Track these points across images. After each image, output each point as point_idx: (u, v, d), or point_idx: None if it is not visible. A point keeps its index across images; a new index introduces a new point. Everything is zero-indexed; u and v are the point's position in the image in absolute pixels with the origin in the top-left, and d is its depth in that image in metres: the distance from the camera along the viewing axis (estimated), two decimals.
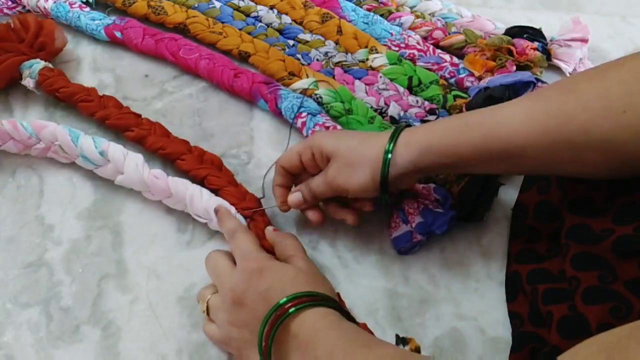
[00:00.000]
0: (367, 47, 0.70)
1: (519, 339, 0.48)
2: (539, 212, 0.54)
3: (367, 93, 0.65)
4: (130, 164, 0.55)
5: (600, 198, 0.47)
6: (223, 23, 0.72)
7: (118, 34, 0.69)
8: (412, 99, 0.65)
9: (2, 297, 0.51)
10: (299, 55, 0.69)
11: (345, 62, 0.69)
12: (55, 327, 0.50)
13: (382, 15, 0.74)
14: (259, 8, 0.74)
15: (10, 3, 0.74)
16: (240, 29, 0.71)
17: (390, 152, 0.48)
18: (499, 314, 0.51)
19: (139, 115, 0.61)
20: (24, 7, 0.74)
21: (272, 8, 0.74)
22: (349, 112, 0.63)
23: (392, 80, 0.67)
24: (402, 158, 0.48)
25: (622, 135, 0.40)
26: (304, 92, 0.65)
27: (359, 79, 0.67)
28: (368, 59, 0.69)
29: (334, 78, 0.67)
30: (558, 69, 0.70)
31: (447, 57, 0.70)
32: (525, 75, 0.62)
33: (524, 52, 0.68)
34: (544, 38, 0.71)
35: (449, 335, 0.50)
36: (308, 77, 0.66)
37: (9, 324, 0.50)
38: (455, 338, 0.50)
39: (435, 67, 0.69)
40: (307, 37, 0.71)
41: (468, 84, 0.67)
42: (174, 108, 0.65)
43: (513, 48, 0.68)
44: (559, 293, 0.46)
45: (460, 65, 0.69)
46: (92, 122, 0.63)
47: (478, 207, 0.55)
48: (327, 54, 0.69)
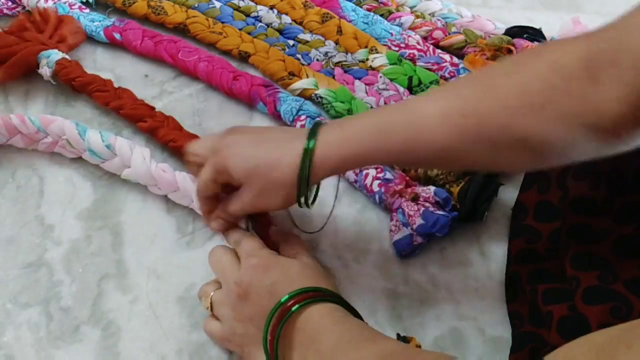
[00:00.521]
0: (367, 47, 0.70)
1: (519, 339, 0.48)
2: (539, 212, 0.54)
3: (367, 93, 0.65)
4: (138, 157, 0.56)
5: (601, 198, 0.47)
6: (223, 23, 0.72)
7: (117, 36, 0.69)
8: None
9: (2, 297, 0.51)
10: (299, 55, 0.69)
11: (345, 62, 0.69)
12: (55, 327, 0.50)
13: (382, 15, 0.74)
14: (259, 8, 0.74)
15: (10, 3, 0.74)
16: (240, 29, 0.71)
17: (305, 176, 0.44)
18: (499, 314, 0.51)
19: (153, 108, 0.62)
20: (24, 7, 0.74)
21: (272, 8, 0.74)
22: (349, 112, 0.63)
23: (392, 80, 0.67)
24: (317, 175, 0.45)
25: (542, 131, 0.39)
26: (304, 92, 0.65)
27: (359, 79, 0.67)
28: (368, 59, 0.69)
29: (334, 78, 0.67)
30: None
31: (447, 57, 0.70)
32: None
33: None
34: (544, 38, 0.71)
35: (449, 335, 0.50)
36: (308, 77, 0.66)
37: (9, 324, 0.50)
38: (455, 338, 0.50)
39: (435, 67, 0.69)
40: (307, 37, 0.71)
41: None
42: (174, 108, 0.65)
43: (513, 48, 0.68)
44: (559, 293, 0.46)
45: (460, 65, 0.69)
46: (93, 120, 0.63)
47: (478, 207, 0.55)
48: (327, 54, 0.69)
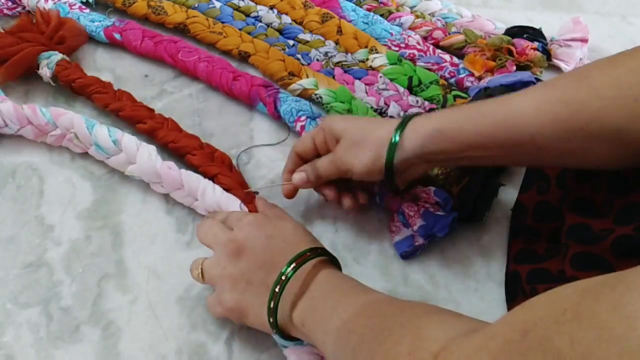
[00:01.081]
0: (367, 47, 0.70)
1: None
2: (539, 212, 0.54)
3: (367, 93, 0.65)
4: (143, 154, 0.56)
5: (601, 198, 0.47)
6: (223, 23, 0.72)
7: (117, 36, 0.69)
8: (412, 99, 0.65)
9: (2, 297, 0.51)
10: (299, 55, 0.69)
11: (345, 62, 0.69)
12: (55, 327, 0.50)
13: (382, 15, 0.74)
14: (259, 8, 0.74)
15: (10, 4, 0.74)
16: (240, 29, 0.71)
17: (399, 134, 0.47)
18: (499, 314, 0.51)
19: (152, 110, 0.62)
20: (24, 7, 0.74)
21: (272, 8, 0.74)
22: (349, 112, 0.63)
23: (392, 80, 0.67)
24: (409, 142, 0.47)
25: (633, 124, 0.40)
26: (304, 92, 0.65)
27: (359, 79, 0.67)
28: (368, 59, 0.69)
29: (334, 78, 0.67)
30: (558, 69, 0.70)
31: (447, 57, 0.70)
32: (525, 75, 0.62)
33: (524, 52, 0.68)
34: (544, 38, 0.71)
35: None
36: (308, 77, 0.66)
37: (9, 324, 0.50)
38: None
39: (435, 67, 0.69)
40: (307, 37, 0.71)
41: (468, 84, 0.67)
42: (174, 108, 0.65)
43: (513, 48, 0.68)
44: None
45: (460, 65, 0.69)
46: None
47: (478, 207, 0.55)
48: (327, 54, 0.69)
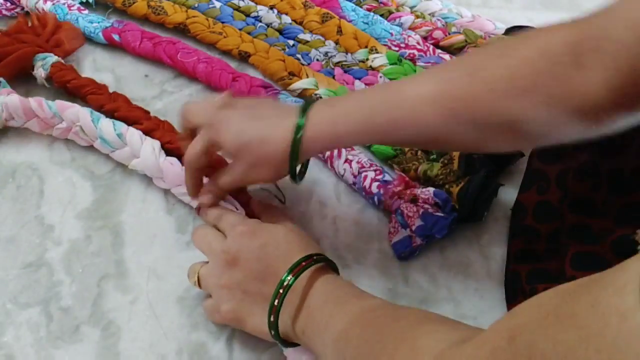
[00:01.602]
0: (367, 47, 0.70)
1: None
2: (539, 212, 0.54)
3: None
4: (147, 149, 0.56)
5: (600, 199, 0.47)
6: (223, 23, 0.72)
7: (116, 37, 0.69)
8: None
9: (2, 297, 0.51)
10: (299, 55, 0.69)
11: (345, 62, 0.69)
12: (55, 327, 0.50)
13: (382, 15, 0.74)
14: (259, 8, 0.74)
15: (9, 4, 0.74)
16: (240, 29, 0.71)
17: (296, 151, 0.46)
18: (499, 314, 0.51)
19: (148, 112, 0.62)
20: (23, 8, 0.74)
21: (272, 8, 0.74)
22: None
23: (392, 80, 0.67)
24: (307, 151, 0.46)
25: (526, 115, 0.40)
26: (304, 92, 0.65)
27: (359, 79, 0.67)
28: (368, 59, 0.69)
29: (334, 78, 0.67)
30: None
31: (447, 57, 0.70)
32: None
33: None
34: None
35: None
36: (308, 77, 0.66)
37: (9, 324, 0.50)
38: None
39: None
40: (307, 37, 0.71)
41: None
42: (174, 108, 0.65)
43: None
44: None
45: None
46: None
47: (477, 207, 0.55)
48: (327, 54, 0.69)
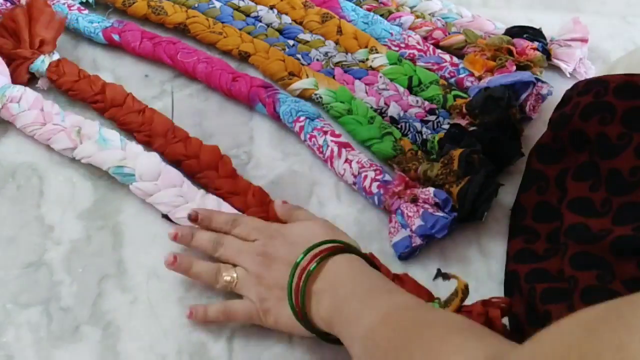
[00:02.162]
0: (367, 47, 0.70)
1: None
2: (538, 212, 0.54)
3: (367, 93, 0.65)
4: (150, 156, 0.57)
5: (599, 198, 0.47)
6: (223, 23, 0.72)
7: (116, 37, 0.69)
8: (412, 99, 0.65)
9: (2, 297, 0.51)
10: (299, 55, 0.69)
11: (345, 62, 0.69)
12: (55, 327, 0.50)
13: (382, 15, 0.74)
14: (259, 8, 0.74)
15: (9, 4, 0.74)
16: (240, 29, 0.71)
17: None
18: None
19: (142, 111, 0.62)
20: None
21: (272, 8, 0.74)
22: (349, 112, 0.63)
23: (392, 80, 0.67)
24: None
25: None
26: (304, 92, 0.65)
27: (359, 79, 0.67)
28: (368, 59, 0.69)
29: (334, 78, 0.67)
30: (558, 69, 0.70)
31: (447, 57, 0.70)
32: (525, 75, 0.62)
33: (524, 52, 0.68)
34: (544, 38, 0.71)
35: None
36: (308, 77, 0.66)
37: (9, 324, 0.50)
38: None
39: (435, 67, 0.69)
40: (307, 37, 0.71)
41: (468, 84, 0.67)
42: (174, 108, 0.65)
43: (513, 48, 0.68)
44: (558, 293, 0.46)
45: (460, 65, 0.69)
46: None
47: (477, 207, 0.55)
48: (327, 54, 0.69)
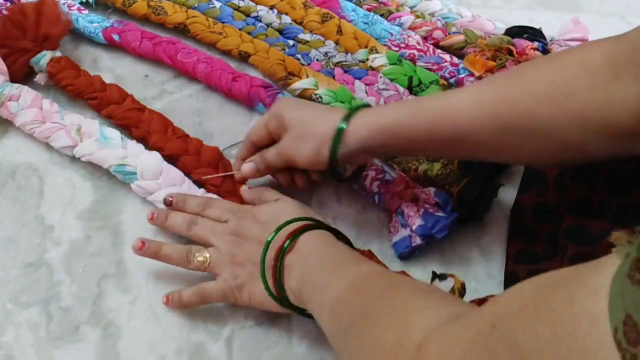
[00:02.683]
0: (367, 47, 0.70)
1: None
2: (537, 213, 0.54)
3: (367, 93, 0.65)
4: (151, 155, 0.57)
5: (598, 199, 0.47)
6: (223, 23, 0.72)
7: (116, 37, 0.69)
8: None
9: (2, 297, 0.51)
10: (299, 55, 0.69)
11: (345, 62, 0.69)
12: (55, 327, 0.50)
13: (382, 15, 0.74)
14: (259, 8, 0.74)
15: (9, 4, 0.74)
16: (240, 29, 0.71)
17: (342, 131, 0.49)
18: None
19: (142, 110, 0.62)
20: None
21: (272, 8, 0.74)
22: None
23: (392, 80, 0.67)
24: (351, 138, 0.49)
25: (563, 121, 0.41)
26: (304, 92, 0.65)
27: (359, 79, 0.67)
28: (368, 59, 0.69)
29: (334, 78, 0.67)
30: None
31: (447, 57, 0.70)
32: None
33: (524, 52, 0.68)
34: (544, 38, 0.71)
35: None
36: (308, 77, 0.66)
37: (9, 324, 0.50)
38: None
39: (435, 67, 0.69)
40: (307, 37, 0.71)
41: (468, 84, 0.67)
42: (174, 108, 0.65)
43: (513, 48, 0.68)
44: None
45: (460, 65, 0.69)
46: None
47: (477, 207, 0.55)
48: (327, 54, 0.69)
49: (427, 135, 0.47)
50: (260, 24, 0.73)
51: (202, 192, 0.56)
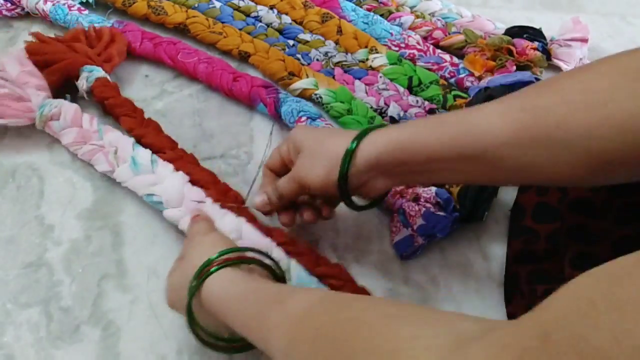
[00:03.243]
0: (367, 47, 0.70)
1: None
2: (538, 213, 0.54)
3: (367, 93, 0.65)
4: (175, 178, 0.55)
5: (600, 199, 0.47)
6: (223, 23, 0.72)
7: None
8: (412, 99, 0.65)
9: (2, 297, 0.51)
10: (299, 55, 0.69)
11: (345, 62, 0.69)
12: (55, 327, 0.50)
13: (382, 15, 0.74)
14: (259, 8, 0.74)
15: (9, 5, 0.74)
16: (240, 29, 0.71)
17: (355, 144, 0.44)
18: (499, 314, 0.51)
19: (175, 142, 0.60)
20: (23, 8, 0.74)
21: (272, 8, 0.74)
22: (349, 112, 0.63)
23: (392, 80, 0.67)
24: (365, 153, 0.44)
25: (602, 130, 0.36)
26: (304, 92, 0.65)
27: (359, 79, 0.67)
28: (368, 59, 0.69)
29: (334, 78, 0.67)
30: (558, 69, 0.70)
31: (447, 57, 0.70)
32: (525, 75, 0.62)
33: (524, 52, 0.68)
34: (544, 38, 0.71)
35: None
36: (308, 77, 0.66)
37: (9, 324, 0.50)
38: None
39: (435, 67, 0.69)
40: (307, 37, 0.71)
41: (468, 84, 0.67)
42: (174, 108, 0.65)
43: (513, 48, 0.68)
44: None
45: (460, 65, 0.69)
46: None
47: (478, 207, 0.55)
48: (327, 54, 0.69)
49: (448, 151, 0.41)
50: (260, 24, 0.73)
51: (223, 212, 0.54)
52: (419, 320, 0.29)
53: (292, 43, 0.71)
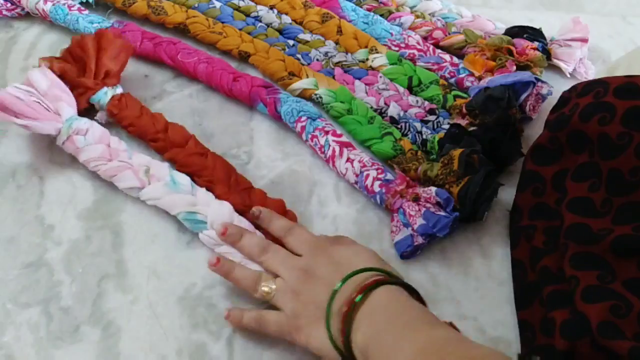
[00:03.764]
0: (367, 47, 0.70)
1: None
2: (535, 214, 0.54)
3: (367, 93, 0.65)
4: (224, 209, 0.54)
5: (599, 198, 0.47)
6: (223, 23, 0.72)
7: None
8: (412, 99, 0.65)
9: (2, 297, 0.51)
10: (299, 55, 0.69)
11: (345, 62, 0.69)
12: (55, 327, 0.50)
13: (382, 15, 0.74)
14: (259, 8, 0.74)
15: (9, 5, 0.74)
16: (240, 29, 0.71)
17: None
18: (500, 314, 0.51)
19: (204, 153, 0.59)
20: (23, 9, 0.74)
21: (272, 8, 0.74)
22: (349, 112, 0.63)
23: (392, 80, 0.67)
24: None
25: None
26: (304, 92, 0.65)
27: (359, 79, 0.67)
28: (368, 59, 0.69)
29: (334, 78, 0.67)
30: (558, 69, 0.70)
31: (447, 57, 0.70)
32: (525, 75, 0.62)
33: (524, 52, 0.68)
34: (544, 38, 0.71)
35: None
36: (308, 77, 0.66)
37: (9, 324, 0.50)
38: None
39: (435, 67, 0.69)
40: (307, 37, 0.71)
41: (468, 84, 0.67)
42: (174, 108, 0.65)
43: (513, 48, 0.68)
44: (561, 297, 0.46)
45: (460, 65, 0.69)
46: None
47: (478, 207, 0.55)
48: (327, 54, 0.69)
49: None
50: (260, 24, 0.73)
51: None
52: None
53: (292, 43, 0.71)
